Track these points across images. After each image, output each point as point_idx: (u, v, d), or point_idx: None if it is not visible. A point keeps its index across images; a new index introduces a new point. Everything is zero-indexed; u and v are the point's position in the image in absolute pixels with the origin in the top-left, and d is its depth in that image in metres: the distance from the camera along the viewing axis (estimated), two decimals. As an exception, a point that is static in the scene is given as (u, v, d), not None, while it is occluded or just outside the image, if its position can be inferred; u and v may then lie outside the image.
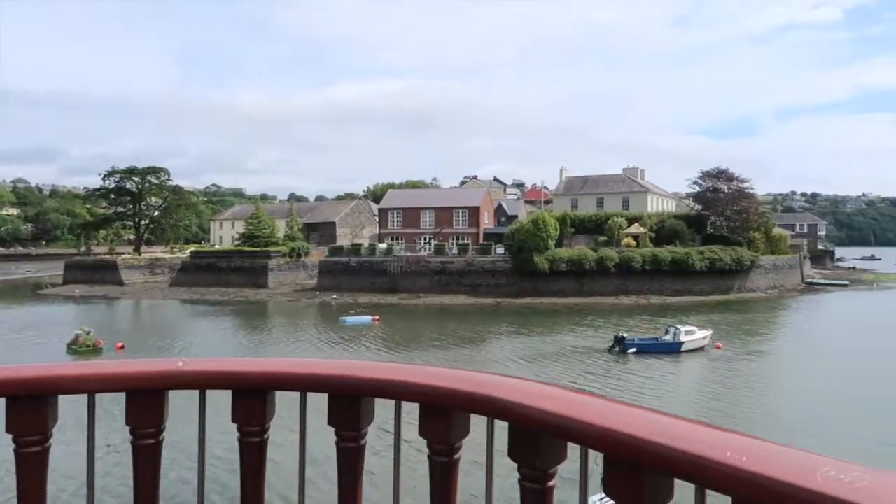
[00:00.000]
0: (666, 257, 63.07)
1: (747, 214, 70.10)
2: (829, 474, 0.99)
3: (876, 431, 21.76)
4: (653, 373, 31.50)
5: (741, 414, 24.31)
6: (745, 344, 39.71)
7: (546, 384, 1.58)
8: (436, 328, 46.22)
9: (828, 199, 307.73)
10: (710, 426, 1.24)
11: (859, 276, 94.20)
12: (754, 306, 59.78)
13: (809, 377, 30.56)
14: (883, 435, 21.25)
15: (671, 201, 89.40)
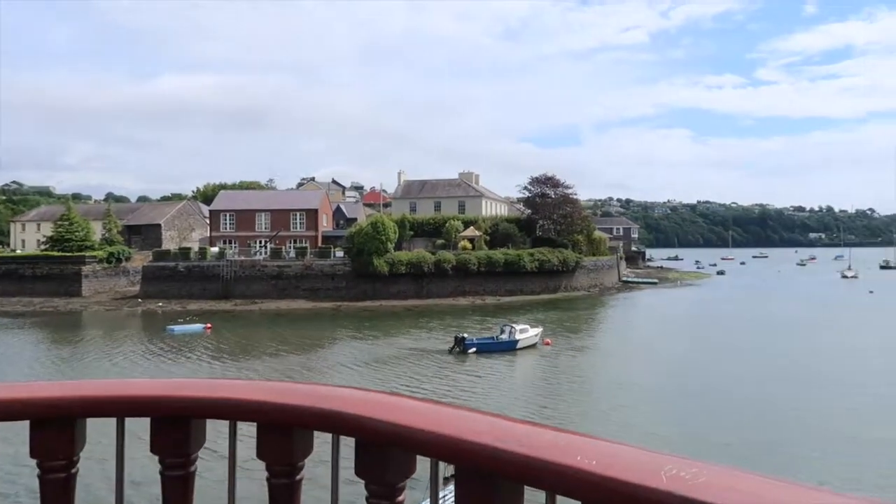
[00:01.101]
0: (500, 259, 65.90)
1: (572, 218, 75.19)
2: (671, 472, 1.02)
3: (659, 416, 24.20)
4: (493, 372, 32.64)
5: (572, 408, 25.88)
6: (570, 340, 42.49)
7: (393, 394, 1.50)
8: (273, 335, 44.67)
9: (639, 205, 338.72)
10: (559, 430, 1.23)
11: (666, 274, 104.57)
12: (578, 304, 64.24)
13: (623, 369, 33.29)
14: (659, 419, 23.71)
15: (504, 206, 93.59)
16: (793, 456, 19.08)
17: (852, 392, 27.13)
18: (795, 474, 16.65)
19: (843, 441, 20.50)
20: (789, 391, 27.48)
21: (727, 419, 23.26)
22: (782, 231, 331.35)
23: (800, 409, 24.47)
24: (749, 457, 18.39)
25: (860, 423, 22.70)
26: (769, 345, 39.66)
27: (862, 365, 33.24)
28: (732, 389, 27.95)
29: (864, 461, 18.74)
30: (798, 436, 21.23)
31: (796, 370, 31.72)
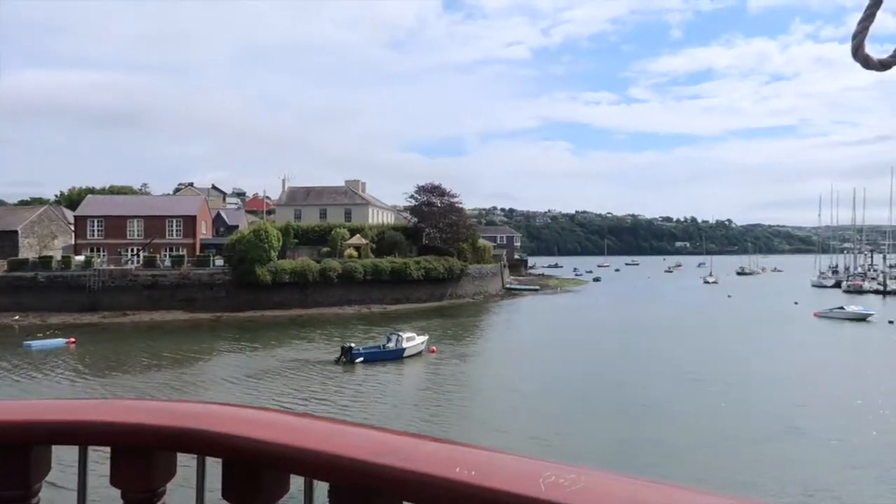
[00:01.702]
0: (386, 267, 65.76)
1: (457, 227, 76.34)
2: (550, 480, 1.01)
3: (542, 421, 25.11)
4: (380, 381, 32.40)
5: (457, 416, 26.19)
6: (456, 347, 43.05)
7: (265, 409, 1.41)
8: (144, 349, 42.04)
9: (522, 214, 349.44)
10: (439, 440, 1.20)
11: (547, 281, 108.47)
12: (464, 311, 65.27)
13: (507, 375, 34.13)
14: (542, 424, 24.62)
15: (390, 214, 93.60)
16: (673, 456, 20.19)
17: (723, 392, 29.25)
18: (676, 475, 17.70)
19: (716, 440, 21.98)
20: (666, 392, 29.18)
21: (609, 422, 24.29)
22: (652, 240, 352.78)
23: (676, 410, 26.05)
24: (631, 459, 19.32)
25: (728, 422, 24.48)
26: (644, 348, 42.04)
27: (731, 366, 35.92)
28: (613, 392, 29.31)
29: (739, 460, 20.18)
30: (676, 436, 22.53)
31: (671, 371, 33.76)
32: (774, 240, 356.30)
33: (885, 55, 0.80)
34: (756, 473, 18.43)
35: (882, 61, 0.79)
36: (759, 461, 19.50)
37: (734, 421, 23.98)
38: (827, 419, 23.80)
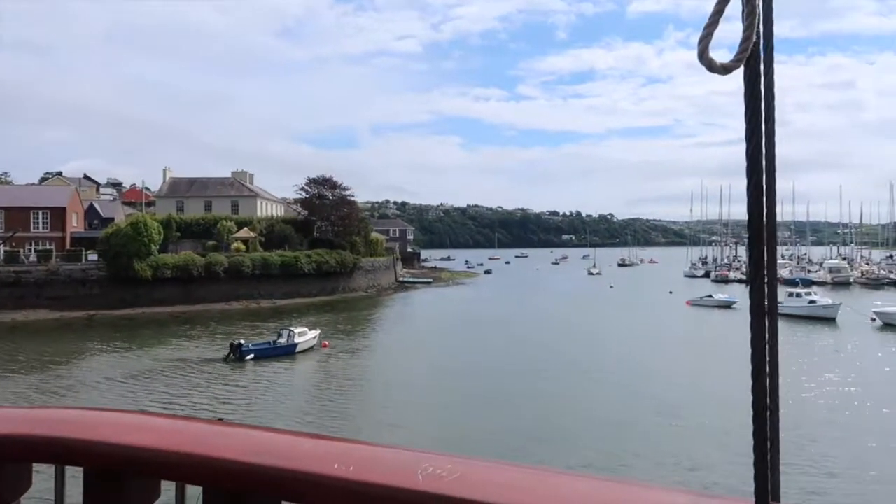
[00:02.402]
0: (276, 261, 64.05)
1: (349, 220, 75.55)
2: (427, 471, 1.02)
3: (430, 413, 25.47)
4: (270, 379, 31.51)
5: (347, 412, 25.94)
6: (348, 341, 42.65)
7: (132, 413, 1.30)
8: (6, 352, 38.69)
9: (415, 208, 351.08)
10: (320, 437, 1.19)
11: (439, 274, 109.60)
12: (357, 304, 64.77)
13: (398, 368, 34.23)
14: (430, 417, 24.99)
15: (280, 206, 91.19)
16: (559, 442, 20.94)
17: (606, 378, 30.67)
18: (560, 461, 18.37)
19: (602, 426, 23.01)
20: (554, 381, 30.21)
21: (497, 412, 24.77)
22: (540, 233, 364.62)
23: (563, 397, 27.03)
24: (521, 447, 19.86)
25: (610, 407, 25.71)
26: (532, 337, 43.38)
27: (613, 353, 37.73)
28: (502, 382, 29.96)
29: (623, 443, 21.21)
30: (561, 422, 23.38)
31: (558, 360, 35.00)
32: (652, 233, 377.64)
33: (728, 60, 0.85)
34: (633, 454, 19.49)
35: (724, 65, 0.84)
36: (636, 442, 20.64)
37: (616, 405, 25.24)
38: (698, 400, 25.55)
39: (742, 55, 0.83)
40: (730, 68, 0.83)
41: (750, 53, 0.84)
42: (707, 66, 0.82)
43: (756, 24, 0.84)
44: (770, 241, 1.01)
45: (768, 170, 1.00)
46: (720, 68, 0.83)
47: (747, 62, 0.84)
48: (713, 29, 0.82)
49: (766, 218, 0.99)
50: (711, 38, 0.82)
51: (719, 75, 0.84)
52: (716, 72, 0.83)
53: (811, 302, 53.85)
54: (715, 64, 0.82)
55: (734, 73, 0.87)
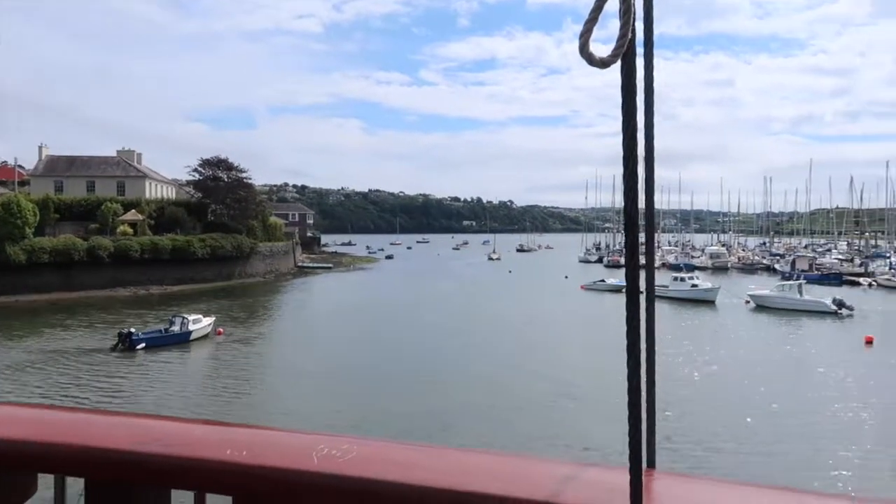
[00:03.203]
0: (167, 245, 61.07)
1: (246, 203, 73.06)
2: (323, 452, 1.02)
3: (329, 398, 25.27)
4: (162, 368, 30.05)
5: (242, 399, 25.18)
6: (245, 328, 41.38)
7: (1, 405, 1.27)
8: None
9: (315, 192, 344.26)
10: (212, 423, 1.17)
11: (340, 259, 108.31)
12: (254, 290, 62.90)
13: (296, 354, 33.59)
14: (328, 401, 24.81)
15: (171, 188, 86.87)
16: (461, 426, 21.19)
17: (506, 361, 31.31)
18: (458, 440, 18.59)
19: (501, 407, 23.48)
20: (454, 364, 30.57)
21: (397, 396, 24.83)
22: (442, 218, 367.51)
23: (463, 380, 27.39)
24: (421, 430, 19.95)
25: (508, 388, 26.28)
26: (433, 322, 43.69)
27: (512, 336, 38.57)
28: (402, 367, 30.00)
29: (521, 424, 21.71)
30: (465, 405, 23.68)
31: (459, 344, 35.43)
32: (549, 219, 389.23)
33: (607, 55, 0.88)
34: (530, 434, 20.07)
35: (603, 59, 0.87)
36: (534, 422, 21.26)
37: (515, 387, 25.88)
38: (591, 379, 26.58)
39: (618, 51, 0.87)
40: (607, 63, 0.87)
41: (626, 49, 0.87)
42: (587, 59, 0.85)
43: (632, 21, 0.87)
44: (648, 229, 1.05)
45: (647, 161, 1.03)
46: (599, 62, 0.86)
47: (624, 58, 0.88)
48: (593, 24, 0.86)
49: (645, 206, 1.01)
50: (591, 33, 0.85)
51: (598, 69, 0.88)
52: (595, 65, 0.87)
53: (694, 286, 57.35)
54: (594, 58, 0.86)
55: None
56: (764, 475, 16.59)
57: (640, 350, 0.91)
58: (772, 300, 51.30)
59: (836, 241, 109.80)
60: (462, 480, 0.96)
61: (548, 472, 1.02)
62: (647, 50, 1.01)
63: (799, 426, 20.98)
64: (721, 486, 1.03)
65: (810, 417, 22.03)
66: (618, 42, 0.87)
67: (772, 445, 19.04)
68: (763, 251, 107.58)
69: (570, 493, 0.93)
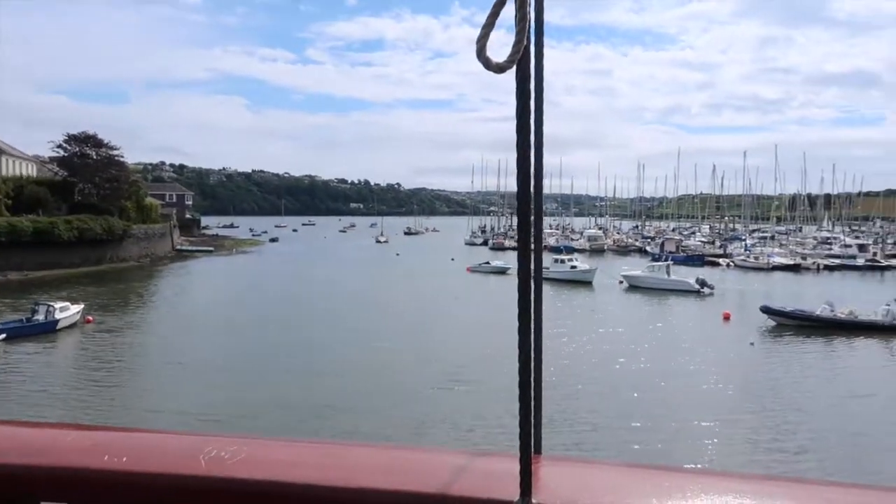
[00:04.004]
0: (27, 227, 56.32)
1: (118, 183, 68.69)
2: (211, 455, 0.97)
3: (213, 392, 24.62)
4: (26, 361, 27.77)
5: (116, 397, 23.88)
6: (118, 315, 39.11)
7: None
8: None
9: (194, 171, 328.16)
10: (84, 427, 1.09)
11: (222, 242, 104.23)
12: (128, 275, 59.42)
13: (175, 344, 32.21)
14: (213, 396, 24.21)
15: (32, 165, 79.91)
16: (354, 414, 21.09)
17: (394, 346, 31.49)
18: (357, 434, 18.64)
19: (393, 393, 23.64)
20: (341, 352, 30.34)
21: (285, 386, 24.20)
22: (328, 201, 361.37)
23: (354, 367, 27.29)
24: (313, 422, 19.78)
25: (403, 374, 26.50)
26: (320, 307, 43.16)
27: (401, 320, 38.79)
28: (288, 356, 29.40)
29: (413, 410, 21.96)
30: (355, 393, 23.61)
31: (345, 330, 35.21)
32: (436, 202, 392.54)
33: (502, 60, 0.92)
34: (420, 420, 20.46)
35: (499, 65, 0.91)
36: (425, 407, 21.67)
37: (405, 372, 26.17)
38: (479, 362, 27.35)
39: (514, 57, 0.90)
40: (504, 68, 0.90)
41: (521, 55, 0.91)
42: (484, 63, 0.88)
43: (527, 29, 0.90)
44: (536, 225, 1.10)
45: (536, 160, 1.08)
46: (495, 67, 0.89)
47: (519, 63, 0.91)
48: (489, 30, 0.89)
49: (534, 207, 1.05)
50: (488, 39, 0.88)
51: (495, 73, 0.91)
52: (492, 70, 0.90)
53: (573, 267, 60.13)
54: (491, 63, 0.88)
55: None
56: (643, 452, 17.78)
57: (531, 337, 0.94)
58: (643, 280, 54.77)
59: (700, 225, 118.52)
60: (352, 476, 0.94)
61: (438, 463, 1.03)
62: (537, 55, 1.07)
63: (668, 400, 22.66)
64: (607, 469, 1.07)
65: (678, 392, 23.80)
66: (513, 49, 0.90)
67: (647, 420, 20.29)
68: (636, 234, 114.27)
69: (461, 484, 0.93)
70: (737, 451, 17.97)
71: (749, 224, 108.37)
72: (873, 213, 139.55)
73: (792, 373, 27.31)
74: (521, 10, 0.89)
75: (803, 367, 28.31)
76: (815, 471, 16.31)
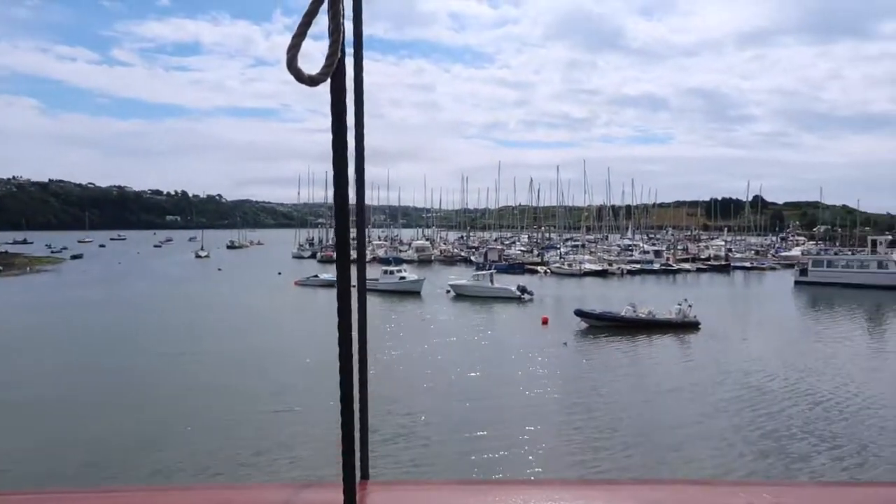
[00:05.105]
0: None
1: None
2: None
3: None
4: None
5: None
6: None
7: None
8: None
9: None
10: None
11: (11, 260, 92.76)
12: None
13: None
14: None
15: None
16: (172, 449, 19.41)
17: (219, 368, 29.56)
18: (176, 471, 17.06)
19: (214, 422, 22.04)
20: (157, 377, 27.96)
21: (90, 421, 21.92)
22: (141, 213, 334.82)
23: (170, 396, 25.20)
24: (122, 460, 17.90)
25: (225, 400, 24.90)
26: (131, 329, 39.62)
27: (224, 341, 36.58)
28: (93, 385, 26.65)
29: (236, 438, 20.58)
30: (173, 424, 21.75)
31: (161, 352, 32.52)
32: (261, 215, 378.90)
33: (315, 71, 0.89)
34: (247, 450, 19.33)
35: (312, 77, 0.87)
36: (250, 435, 20.50)
37: (227, 398, 24.64)
38: (307, 382, 26.46)
39: (328, 70, 0.87)
40: (317, 80, 0.87)
41: (336, 68, 0.88)
42: (295, 75, 0.84)
43: (341, 41, 0.87)
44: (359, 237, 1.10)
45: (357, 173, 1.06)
46: (308, 80, 0.86)
47: (334, 76, 0.88)
48: (300, 40, 0.84)
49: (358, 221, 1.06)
50: (299, 49, 0.84)
51: (307, 86, 0.87)
52: (304, 82, 0.86)
53: (402, 278, 60.79)
54: (303, 75, 0.85)
55: None
56: (479, 464, 18.02)
57: (352, 354, 0.89)
58: (468, 289, 56.70)
59: (520, 235, 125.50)
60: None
61: (261, 499, 1.00)
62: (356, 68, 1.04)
63: (499, 408, 23.26)
64: (436, 488, 1.04)
65: (507, 398, 24.44)
66: (326, 61, 0.87)
67: (481, 430, 20.35)
68: (461, 244, 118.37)
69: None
70: (566, 454, 18.74)
71: (563, 233, 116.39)
72: (666, 222, 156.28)
73: (606, 371, 29.45)
74: (334, 20, 0.85)
75: (615, 366, 30.65)
76: (641, 467, 17.45)
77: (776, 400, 24.23)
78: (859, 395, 24.94)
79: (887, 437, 20.07)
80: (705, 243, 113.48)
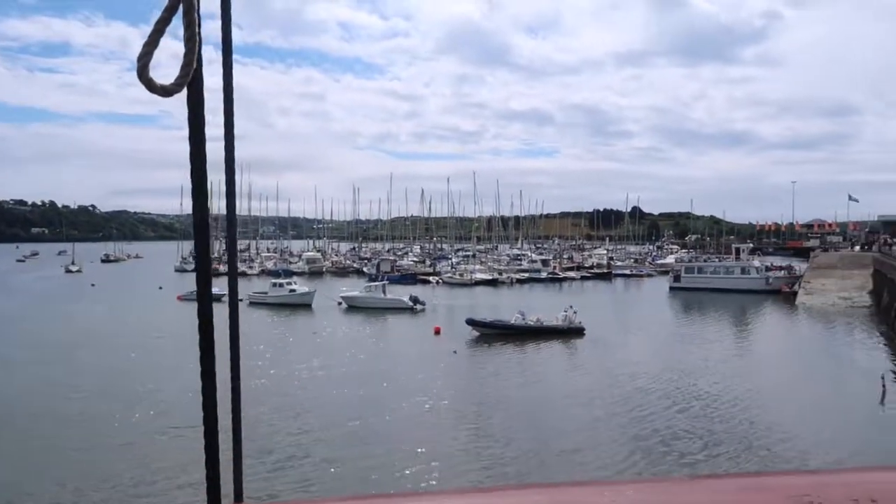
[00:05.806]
0: None
1: None
2: None
3: None
4: None
5: None
6: None
7: None
8: None
9: None
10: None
11: None
12: None
13: None
14: None
15: None
16: (28, 484, 17.79)
17: (95, 392, 27.42)
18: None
19: (86, 449, 20.40)
20: (20, 404, 25.62)
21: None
22: (3, 225, 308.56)
23: (32, 425, 23.13)
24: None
25: (100, 427, 23.12)
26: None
27: (98, 361, 34.03)
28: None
29: (116, 465, 19.09)
30: (32, 460, 19.96)
31: (27, 378, 29.86)
32: (140, 227, 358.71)
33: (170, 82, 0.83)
34: (120, 477, 18.05)
35: (165, 87, 0.83)
36: (127, 461, 19.16)
37: (104, 423, 22.93)
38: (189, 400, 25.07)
39: (183, 80, 0.83)
40: (171, 91, 0.83)
41: (192, 78, 0.84)
42: (147, 85, 0.80)
43: (197, 50, 0.83)
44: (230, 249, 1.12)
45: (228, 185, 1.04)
46: (160, 90, 0.82)
47: (190, 86, 0.84)
48: (153, 48, 0.81)
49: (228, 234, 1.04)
50: (151, 57, 0.80)
51: (160, 96, 0.83)
52: (156, 93, 0.82)
53: (292, 290, 59.25)
54: (155, 84, 0.81)
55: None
56: (374, 481, 17.64)
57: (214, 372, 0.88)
58: (361, 300, 56.06)
59: (412, 246, 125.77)
60: None
61: None
62: (225, 75, 0.99)
63: (393, 420, 23.01)
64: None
65: (402, 410, 24.24)
66: (182, 71, 0.82)
67: (376, 445, 20.00)
68: (353, 255, 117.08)
69: None
70: (463, 463, 18.74)
71: (454, 244, 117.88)
72: (552, 232, 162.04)
73: (498, 378, 29.92)
74: (189, 29, 0.81)
75: (507, 373, 31.20)
76: (538, 472, 17.66)
77: (657, 400, 25.52)
78: (730, 392, 26.76)
79: (757, 430, 21.60)
80: (589, 252, 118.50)
